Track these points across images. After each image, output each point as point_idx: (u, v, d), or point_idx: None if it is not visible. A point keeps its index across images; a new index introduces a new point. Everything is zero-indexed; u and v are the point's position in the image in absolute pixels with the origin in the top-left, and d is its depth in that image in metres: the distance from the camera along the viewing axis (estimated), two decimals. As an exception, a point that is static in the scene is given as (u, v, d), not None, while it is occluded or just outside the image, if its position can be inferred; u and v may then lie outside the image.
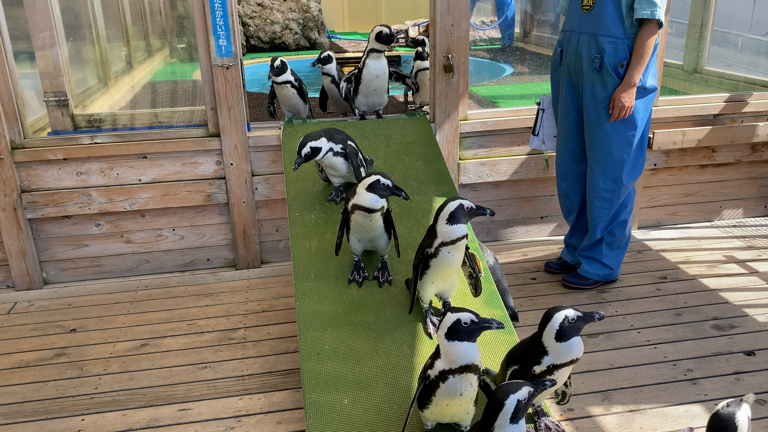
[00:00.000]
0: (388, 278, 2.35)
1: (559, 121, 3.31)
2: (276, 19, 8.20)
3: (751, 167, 4.10)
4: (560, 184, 3.40)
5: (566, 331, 1.78)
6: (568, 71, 3.14)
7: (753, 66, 4.73)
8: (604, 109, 3.03)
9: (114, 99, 4.39)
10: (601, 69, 2.97)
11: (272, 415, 2.47)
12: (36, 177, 3.36)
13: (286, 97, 3.21)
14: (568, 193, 3.37)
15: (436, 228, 2.05)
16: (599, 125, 3.06)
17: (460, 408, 1.76)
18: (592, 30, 2.97)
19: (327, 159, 2.55)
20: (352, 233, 2.33)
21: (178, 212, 3.56)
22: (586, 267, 3.32)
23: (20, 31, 3.42)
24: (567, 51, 3.12)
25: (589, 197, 3.23)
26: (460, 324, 1.65)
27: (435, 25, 3.41)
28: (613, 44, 2.94)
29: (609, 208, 3.19)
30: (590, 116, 3.08)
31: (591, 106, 3.06)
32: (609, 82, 2.98)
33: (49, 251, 3.52)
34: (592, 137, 3.11)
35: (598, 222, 3.23)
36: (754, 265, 3.56)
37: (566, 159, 3.31)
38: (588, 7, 2.98)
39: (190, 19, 3.48)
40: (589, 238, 3.29)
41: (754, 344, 2.84)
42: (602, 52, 2.95)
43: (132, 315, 3.21)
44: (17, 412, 2.53)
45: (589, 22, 2.99)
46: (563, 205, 3.45)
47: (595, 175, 3.16)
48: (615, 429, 2.36)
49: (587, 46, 3.00)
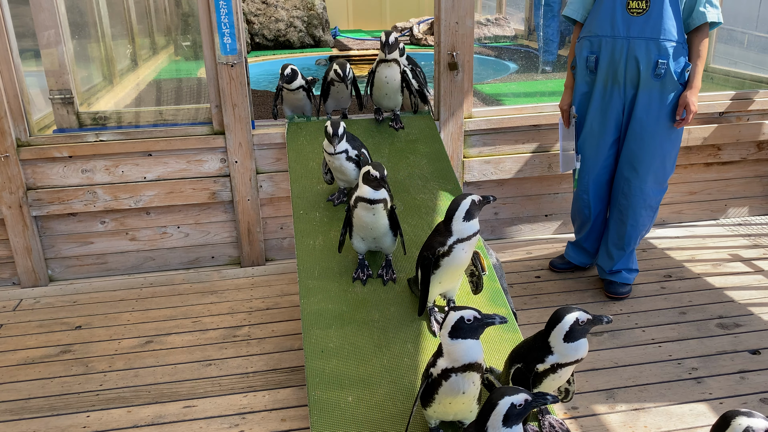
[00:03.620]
0: (393, 276, 2.35)
1: (586, 134, 3.15)
2: (280, 17, 8.20)
3: (757, 165, 4.08)
4: (581, 196, 3.25)
5: (575, 332, 1.78)
6: (609, 80, 3.00)
7: (759, 64, 4.70)
8: (665, 115, 2.94)
9: (119, 97, 4.40)
10: (665, 75, 2.87)
11: (276, 413, 2.48)
12: (41, 174, 3.37)
13: (296, 100, 3.18)
14: (589, 205, 3.24)
15: (452, 226, 2.05)
16: (655, 133, 2.97)
17: (463, 406, 1.76)
18: (651, 34, 2.85)
19: (338, 160, 2.54)
20: (355, 231, 2.31)
21: (183, 210, 3.57)
22: (626, 274, 3.23)
23: (26, 29, 3.43)
24: (610, 58, 2.96)
25: (634, 207, 3.09)
26: (463, 321, 1.65)
27: (440, 22, 3.41)
28: (674, 48, 2.85)
29: (653, 215, 3.15)
30: (644, 125, 2.96)
31: (647, 114, 2.95)
32: (670, 87, 2.89)
33: (55, 248, 3.53)
34: (645, 146, 2.99)
35: (641, 230, 3.15)
36: (760, 264, 3.55)
37: (593, 171, 3.17)
38: (640, 11, 2.84)
39: (195, 17, 3.48)
40: (623, 247, 3.17)
41: (759, 343, 2.84)
42: (667, 58, 2.85)
43: (137, 312, 3.22)
44: (23, 409, 2.54)
45: (644, 26, 2.86)
46: (582, 214, 3.29)
47: (646, 185, 3.05)
48: (619, 427, 2.35)
49: (644, 51, 2.87)
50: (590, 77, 3.07)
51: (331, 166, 2.60)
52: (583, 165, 3.22)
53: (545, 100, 3.99)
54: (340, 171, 2.59)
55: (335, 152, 2.52)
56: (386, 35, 2.86)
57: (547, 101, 3.83)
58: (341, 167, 2.57)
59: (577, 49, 3.11)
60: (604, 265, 3.26)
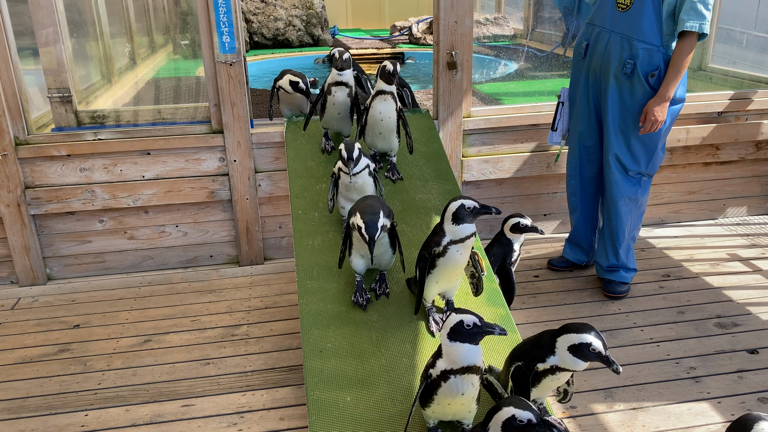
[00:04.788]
0: (386, 290, 2.31)
1: (574, 117, 3.22)
2: (279, 16, 8.19)
3: (756, 165, 4.08)
4: (570, 180, 3.34)
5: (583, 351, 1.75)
6: (591, 69, 3.03)
7: (758, 63, 4.71)
8: (630, 116, 2.93)
9: (117, 95, 4.39)
10: (632, 75, 2.85)
11: (275, 412, 2.48)
12: (40, 173, 3.37)
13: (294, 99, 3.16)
14: (575, 191, 3.32)
15: (444, 227, 2.05)
16: (622, 132, 2.98)
17: (461, 407, 1.76)
18: (627, 32, 2.83)
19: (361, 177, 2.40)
20: (355, 249, 2.26)
21: (182, 209, 3.56)
22: (624, 273, 3.22)
23: (24, 28, 3.43)
24: (594, 48, 2.99)
25: (614, 200, 3.10)
26: (462, 325, 1.64)
27: (439, 21, 3.41)
28: (648, 51, 2.81)
29: (636, 209, 3.13)
30: (613, 121, 2.97)
31: (615, 111, 2.95)
32: (639, 90, 2.87)
33: (53, 247, 3.52)
34: (613, 140, 3.01)
35: (625, 223, 3.13)
36: (758, 263, 3.55)
37: (579, 157, 3.23)
38: (624, 6, 2.82)
39: (193, 16, 3.47)
40: (614, 241, 3.18)
41: (757, 342, 2.84)
42: (635, 58, 2.82)
43: (135, 311, 3.22)
44: (21, 408, 2.54)
45: (623, 23, 2.84)
46: (569, 202, 3.42)
47: (618, 177, 3.06)
48: (617, 426, 2.36)
49: (619, 48, 2.86)
50: (581, 63, 3.11)
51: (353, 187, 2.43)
52: (571, 148, 3.29)
53: (544, 99, 3.99)
54: (361, 190, 2.44)
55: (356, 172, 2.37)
56: (393, 63, 2.60)
57: (545, 101, 3.83)
58: (363, 185, 2.42)
59: (579, 33, 3.17)
60: (602, 261, 3.27)
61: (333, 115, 2.87)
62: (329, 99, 2.82)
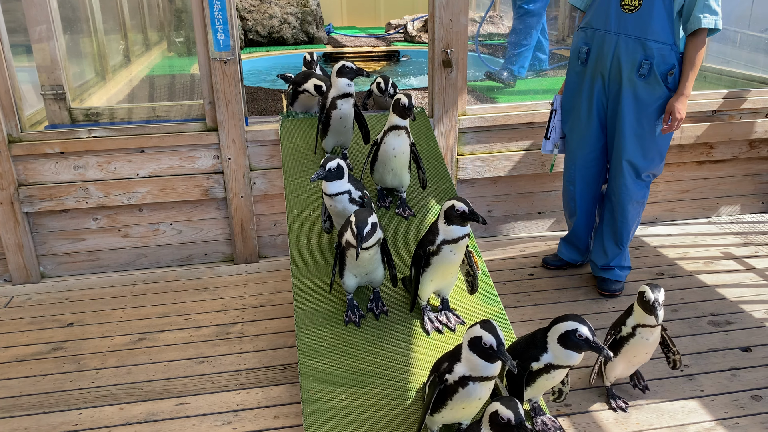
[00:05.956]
0: (383, 309, 2.28)
1: (573, 124, 3.18)
2: (274, 13, 8.17)
3: (749, 164, 4.10)
4: (567, 187, 3.30)
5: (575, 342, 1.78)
6: (596, 74, 3.00)
7: (751, 63, 4.72)
8: (646, 118, 2.92)
9: (111, 93, 4.37)
10: (648, 76, 2.85)
11: (270, 410, 2.48)
12: (33, 171, 3.35)
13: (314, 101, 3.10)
14: (574, 197, 3.28)
15: (439, 226, 2.06)
16: (637, 135, 2.96)
17: (474, 410, 1.75)
18: (639, 33, 2.82)
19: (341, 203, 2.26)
20: (347, 269, 2.19)
21: (176, 206, 3.56)
22: (619, 272, 3.23)
23: (17, 24, 3.41)
24: (598, 52, 2.96)
25: (622, 204, 3.10)
26: (480, 342, 1.62)
27: (434, 19, 3.41)
28: (662, 50, 2.81)
29: (641, 209, 3.14)
30: (629, 125, 2.95)
31: (630, 114, 2.93)
32: (657, 90, 2.87)
33: (47, 245, 3.51)
34: (628, 144, 2.98)
35: (631, 226, 3.15)
36: (751, 262, 3.57)
37: (578, 164, 3.20)
38: (632, 8, 2.81)
39: (188, 13, 3.46)
40: (617, 243, 3.18)
41: (750, 340, 2.85)
42: (651, 59, 2.82)
43: (129, 309, 3.21)
44: (14, 406, 2.53)
45: (633, 24, 2.83)
46: (567, 206, 3.37)
47: (630, 181, 3.05)
48: (611, 425, 2.36)
49: (631, 50, 2.85)
50: (580, 68, 3.08)
51: (332, 211, 2.30)
52: (569, 156, 3.26)
53: (539, 98, 3.99)
54: (342, 216, 2.31)
55: (332, 193, 2.24)
56: (407, 96, 2.41)
57: (540, 99, 3.83)
58: (344, 211, 2.26)
59: (573, 38, 3.13)
60: (598, 260, 3.27)
61: (339, 130, 2.72)
62: (334, 114, 2.66)
